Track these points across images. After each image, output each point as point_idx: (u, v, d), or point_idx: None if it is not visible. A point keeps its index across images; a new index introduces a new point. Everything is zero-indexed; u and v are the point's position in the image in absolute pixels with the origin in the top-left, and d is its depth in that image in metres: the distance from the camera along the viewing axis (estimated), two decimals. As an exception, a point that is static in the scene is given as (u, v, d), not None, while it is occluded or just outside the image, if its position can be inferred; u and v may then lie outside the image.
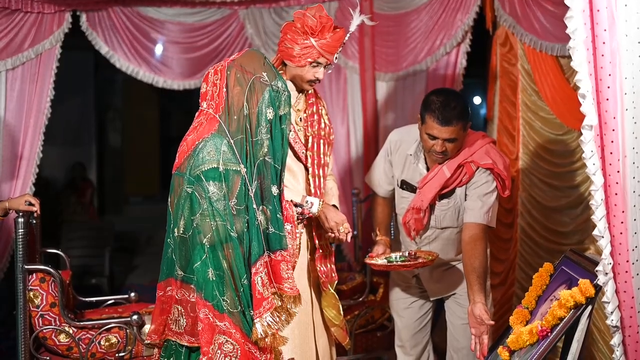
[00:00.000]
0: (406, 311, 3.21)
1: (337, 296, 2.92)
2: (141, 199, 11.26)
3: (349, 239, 2.84)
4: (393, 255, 2.97)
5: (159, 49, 4.48)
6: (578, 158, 3.55)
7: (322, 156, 2.87)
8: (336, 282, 2.93)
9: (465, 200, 2.93)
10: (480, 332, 2.60)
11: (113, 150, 10.78)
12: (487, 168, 2.88)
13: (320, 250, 2.87)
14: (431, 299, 3.19)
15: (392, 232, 3.38)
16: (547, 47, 3.62)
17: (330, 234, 2.81)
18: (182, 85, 4.54)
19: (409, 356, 3.24)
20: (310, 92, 2.87)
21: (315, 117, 2.88)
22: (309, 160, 2.84)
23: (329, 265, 2.89)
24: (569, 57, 3.51)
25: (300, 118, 2.85)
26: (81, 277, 6.15)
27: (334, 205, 2.89)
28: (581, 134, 3.47)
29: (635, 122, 2.00)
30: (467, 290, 2.79)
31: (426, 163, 3.00)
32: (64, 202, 7.84)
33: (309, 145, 2.86)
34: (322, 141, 2.88)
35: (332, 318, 2.89)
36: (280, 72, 2.75)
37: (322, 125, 2.89)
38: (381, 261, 2.96)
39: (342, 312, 2.92)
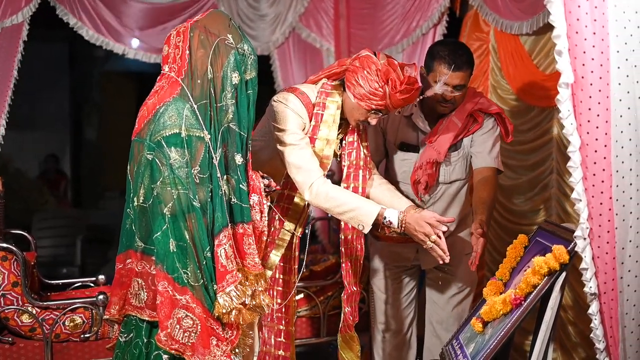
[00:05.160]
0: (393, 287, 3.14)
1: (358, 339, 2.81)
2: (118, 194, 11.10)
3: (446, 260, 2.49)
4: None
5: (129, 22, 4.40)
6: (537, 137, 3.51)
7: (359, 188, 2.69)
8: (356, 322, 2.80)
9: (472, 147, 2.92)
10: (478, 246, 2.58)
11: (89, 144, 10.62)
12: (496, 113, 2.91)
13: (351, 289, 2.77)
14: (423, 269, 3.12)
15: None
16: (507, 25, 3.62)
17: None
18: (153, 57, 4.48)
19: (395, 333, 3.16)
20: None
21: (355, 144, 2.71)
22: None
23: (353, 305, 2.77)
24: (527, 35, 3.52)
25: (339, 146, 2.70)
26: (52, 266, 6.03)
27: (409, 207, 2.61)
28: (540, 112, 3.46)
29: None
30: (473, 215, 2.79)
31: (426, 119, 2.95)
32: (36, 193, 7.70)
33: (344, 176, 2.69)
34: (360, 171, 2.70)
35: None
36: (334, 91, 2.61)
37: (362, 155, 2.72)
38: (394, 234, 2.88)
39: (360, 357, 2.82)
